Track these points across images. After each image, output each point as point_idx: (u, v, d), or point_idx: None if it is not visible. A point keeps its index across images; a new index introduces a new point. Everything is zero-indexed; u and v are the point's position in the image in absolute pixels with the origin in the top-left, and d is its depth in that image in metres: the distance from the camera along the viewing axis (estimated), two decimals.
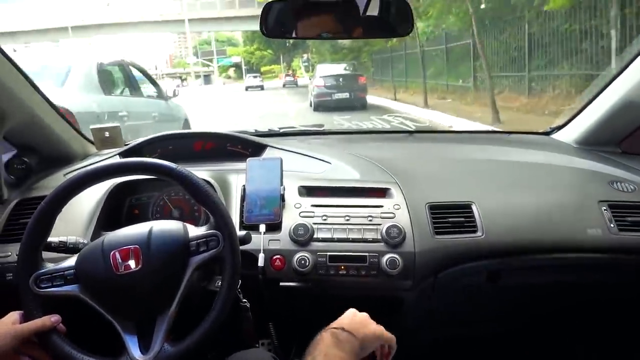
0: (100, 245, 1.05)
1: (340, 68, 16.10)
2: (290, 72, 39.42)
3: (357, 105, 13.66)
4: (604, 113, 1.71)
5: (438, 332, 1.64)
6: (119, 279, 1.01)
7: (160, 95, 6.03)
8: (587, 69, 8.60)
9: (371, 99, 15.31)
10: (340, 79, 14.37)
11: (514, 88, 10.86)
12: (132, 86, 5.78)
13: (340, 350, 0.88)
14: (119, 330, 1.01)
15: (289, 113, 14.52)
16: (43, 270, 1.04)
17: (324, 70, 15.47)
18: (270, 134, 2.03)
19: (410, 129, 2.10)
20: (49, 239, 1.10)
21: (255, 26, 1.20)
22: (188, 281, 1.03)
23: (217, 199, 1.08)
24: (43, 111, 1.58)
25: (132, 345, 1.00)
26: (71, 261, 1.07)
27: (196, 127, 6.80)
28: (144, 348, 1.01)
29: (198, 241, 1.05)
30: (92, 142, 1.89)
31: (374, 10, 1.18)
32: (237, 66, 58.62)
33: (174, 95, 6.22)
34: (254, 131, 2.02)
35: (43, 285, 1.03)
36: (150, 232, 1.06)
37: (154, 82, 6.21)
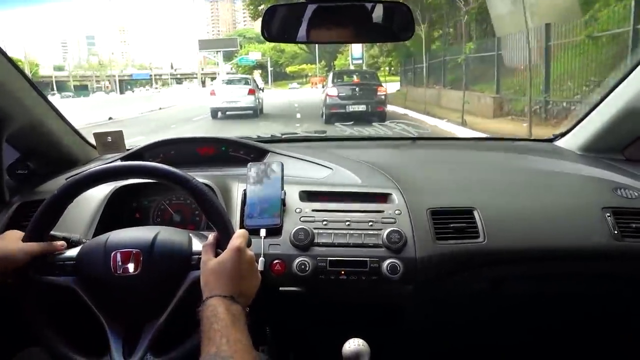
0: (103, 242, 1.06)
1: (357, 76, 14.70)
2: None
3: (374, 119, 11.36)
4: (607, 120, 1.70)
5: (440, 342, 1.62)
6: (115, 280, 1.01)
7: (259, 89, 15.28)
8: None
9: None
10: (357, 89, 12.71)
11: None
12: (257, 85, 16.30)
13: None
14: (107, 330, 1.02)
15: None
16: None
17: (338, 78, 14.06)
18: (273, 140, 2.03)
19: (412, 136, 2.09)
20: (53, 232, 1.11)
21: None
22: (183, 294, 1.03)
23: (227, 218, 1.07)
24: (46, 115, 1.59)
25: (116, 348, 1.00)
26: (73, 252, 1.07)
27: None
28: (128, 353, 1.01)
29: (200, 256, 1.04)
30: (94, 147, 1.89)
31: (377, 16, 1.18)
32: (262, 67, 48.31)
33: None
34: (256, 137, 2.02)
35: (41, 272, 1.04)
36: (155, 238, 1.06)
37: (256, 83, 16.78)
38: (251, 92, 15.14)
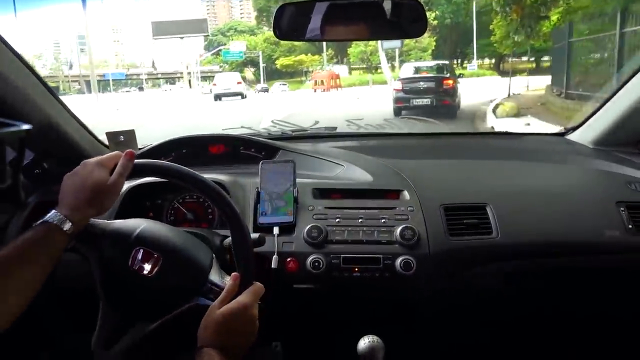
0: (132, 232, 1.06)
1: (426, 68, 13.73)
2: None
3: (442, 112, 11.06)
4: (620, 113, 1.69)
5: (453, 337, 1.62)
6: (125, 271, 1.02)
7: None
8: None
9: None
10: (421, 83, 11.95)
11: None
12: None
13: None
14: (100, 310, 1.05)
15: None
16: None
17: (407, 71, 13.36)
18: (283, 137, 2.03)
19: (423, 132, 2.09)
20: None
21: None
22: (179, 314, 1.04)
23: (247, 231, 1.06)
24: (59, 116, 1.60)
25: (99, 332, 1.04)
26: (103, 225, 1.08)
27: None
28: (106, 341, 1.03)
29: (213, 287, 1.05)
30: (106, 146, 1.90)
31: (388, 12, 1.18)
32: (253, 63, 39.64)
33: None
34: (267, 134, 2.02)
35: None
36: (180, 249, 1.07)
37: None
38: (239, 83, 23.24)
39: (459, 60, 32.54)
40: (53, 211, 0.97)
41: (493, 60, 30.47)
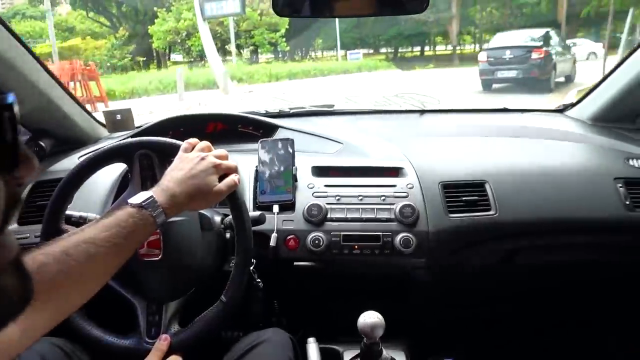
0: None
1: (519, 37, 12.16)
2: None
3: (533, 86, 10.18)
4: (619, 89, 1.68)
5: (450, 313, 1.65)
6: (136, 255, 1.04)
7: None
8: None
9: None
10: (508, 52, 11.08)
11: None
12: None
13: None
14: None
15: None
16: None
17: (497, 41, 12.24)
18: (281, 115, 2.02)
19: (421, 108, 2.07)
20: (70, 212, 1.12)
21: None
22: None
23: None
24: (57, 95, 1.59)
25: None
26: None
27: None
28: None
29: (156, 318, 1.08)
30: (103, 125, 1.89)
31: None
32: None
33: None
34: (264, 112, 2.01)
35: None
36: (180, 269, 1.09)
37: None
38: None
39: (303, 51, 27.83)
40: (151, 196, 0.88)
41: (391, 50, 27.99)
